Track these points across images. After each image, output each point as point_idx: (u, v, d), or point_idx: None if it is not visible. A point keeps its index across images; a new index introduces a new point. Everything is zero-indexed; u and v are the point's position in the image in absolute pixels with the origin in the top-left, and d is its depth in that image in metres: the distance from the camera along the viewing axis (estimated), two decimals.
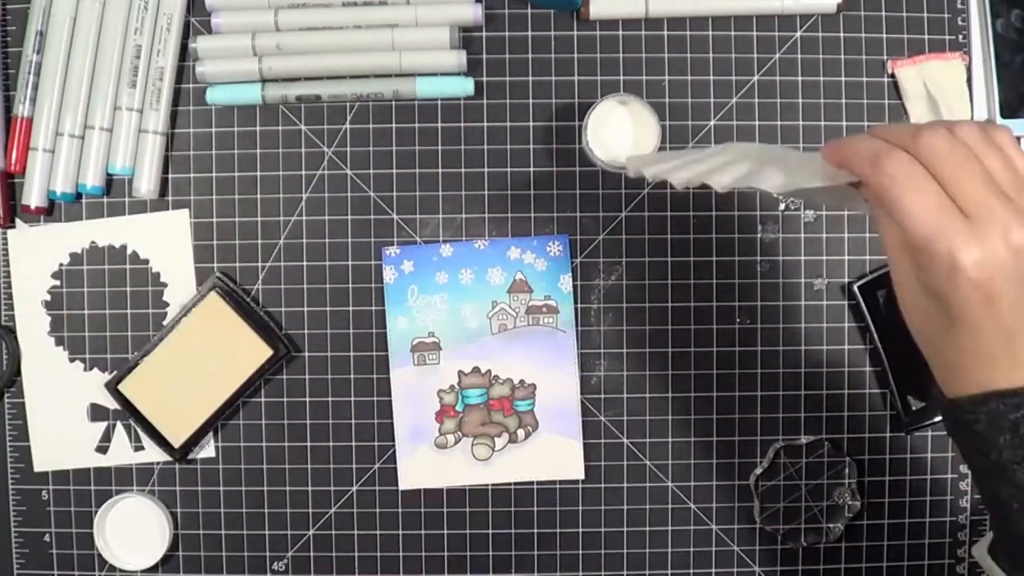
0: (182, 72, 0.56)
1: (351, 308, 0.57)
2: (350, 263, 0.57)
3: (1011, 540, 0.39)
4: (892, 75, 0.57)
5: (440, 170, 0.57)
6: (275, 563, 0.57)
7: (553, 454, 0.56)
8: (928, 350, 0.39)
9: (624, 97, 0.53)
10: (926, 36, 0.57)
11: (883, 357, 0.56)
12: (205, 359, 0.55)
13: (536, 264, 0.56)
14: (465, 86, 0.55)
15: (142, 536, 0.56)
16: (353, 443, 0.57)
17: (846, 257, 0.57)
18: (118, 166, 0.55)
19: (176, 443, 0.55)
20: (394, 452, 0.56)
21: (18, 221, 0.57)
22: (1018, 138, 0.56)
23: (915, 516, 0.57)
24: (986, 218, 0.35)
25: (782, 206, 0.57)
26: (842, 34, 0.57)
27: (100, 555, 0.56)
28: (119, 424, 0.57)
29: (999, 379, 0.37)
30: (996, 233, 0.35)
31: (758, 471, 0.56)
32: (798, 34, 0.57)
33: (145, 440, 0.56)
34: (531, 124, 0.57)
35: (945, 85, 0.56)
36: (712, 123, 0.57)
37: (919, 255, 0.36)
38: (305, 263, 0.56)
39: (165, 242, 0.57)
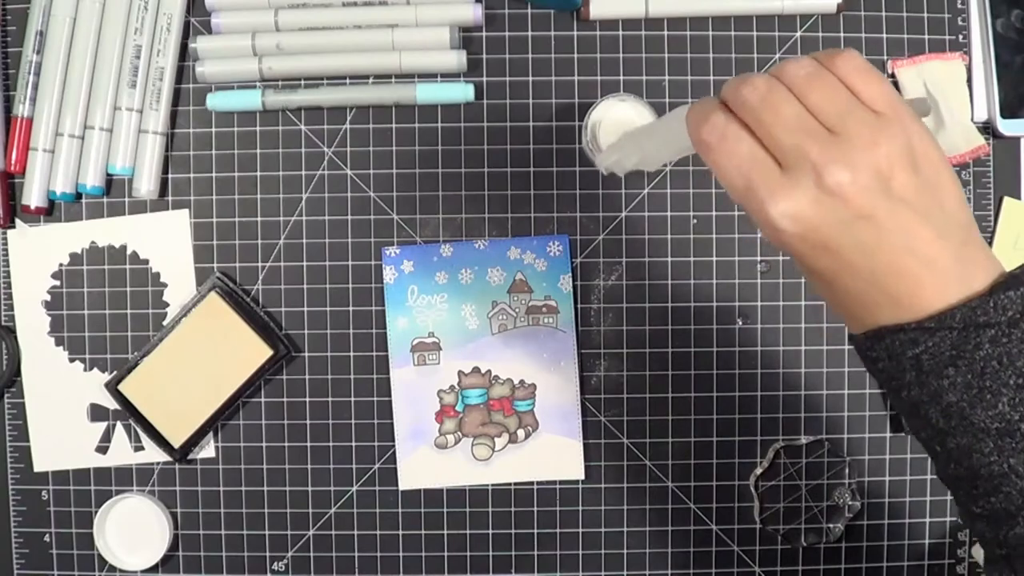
0: (182, 72, 0.56)
1: (351, 308, 0.57)
2: (350, 263, 0.57)
3: (946, 482, 0.37)
4: (892, 75, 0.57)
5: (440, 170, 0.57)
6: (275, 563, 0.57)
7: (553, 454, 0.56)
8: (822, 297, 0.37)
9: (624, 96, 0.53)
10: (926, 36, 0.57)
11: None
12: (205, 359, 0.55)
13: (536, 264, 0.56)
14: (466, 92, 0.55)
15: (142, 536, 0.56)
16: (353, 443, 0.57)
17: None
18: (118, 166, 0.55)
19: (176, 443, 0.55)
20: (394, 452, 0.56)
21: (18, 221, 0.57)
22: (1019, 138, 0.56)
23: (915, 516, 0.57)
24: (797, 161, 0.33)
25: None
26: (842, 34, 0.57)
27: (100, 555, 0.56)
28: (119, 424, 0.57)
29: (884, 318, 0.34)
30: (807, 180, 0.32)
31: (758, 471, 0.56)
32: (798, 34, 0.57)
33: (145, 440, 0.56)
34: (531, 124, 0.56)
35: (945, 85, 0.56)
36: None
37: (749, 215, 0.34)
38: (305, 263, 0.56)
39: (165, 242, 0.57)
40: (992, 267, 0.34)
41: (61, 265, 0.57)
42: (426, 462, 0.56)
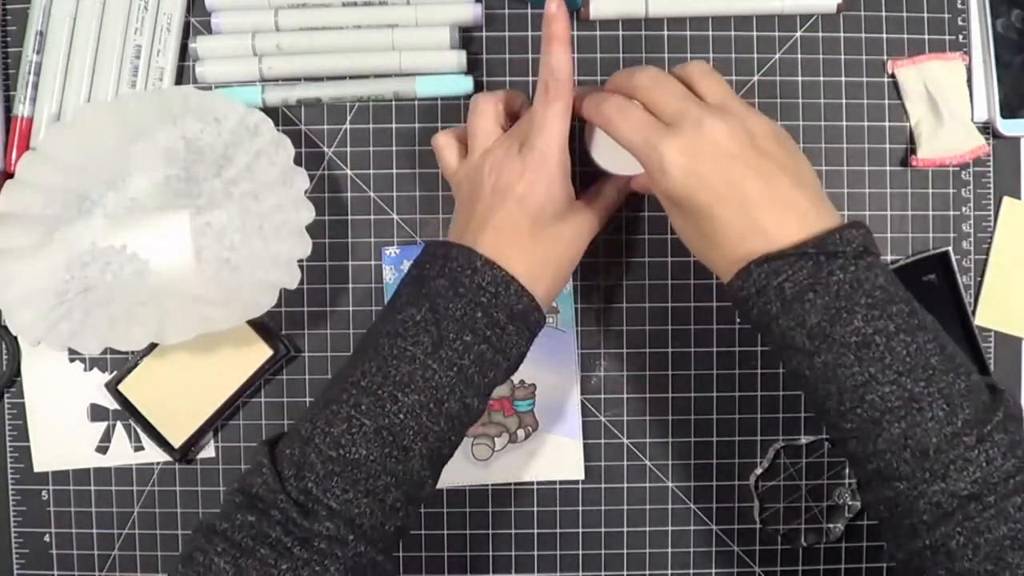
0: (182, 72, 0.56)
1: (351, 308, 0.57)
2: (350, 263, 0.57)
3: (817, 410, 0.42)
4: (892, 75, 0.57)
5: (440, 170, 0.56)
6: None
7: (553, 454, 0.56)
8: (700, 256, 0.45)
9: None
10: (926, 36, 0.57)
11: None
12: (205, 359, 0.55)
13: None
14: (465, 84, 0.55)
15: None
16: None
17: None
18: None
19: (176, 443, 0.55)
20: None
21: None
22: (1019, 138, 0.56)
23: None
24: (681, 119, 0.42)
25: None
26: (842, 34, 0.57)
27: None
28: (119, 424, 0.57)
29: (752, 248, 0.41)
30: (690, 127, 0.41)
31: (758, 471, 0.56)
32: (798, 34, 0.57)
33: (145, 440, 0.56)
34: None
35: (945, 85, 0.56)
36: None
37: (646, 170, 0.43)
38: (305, 263, 0.56)
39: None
40: (839, 220, 0.42)
41: None
42: None
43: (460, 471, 0.56)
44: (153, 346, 0.55)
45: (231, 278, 0.53)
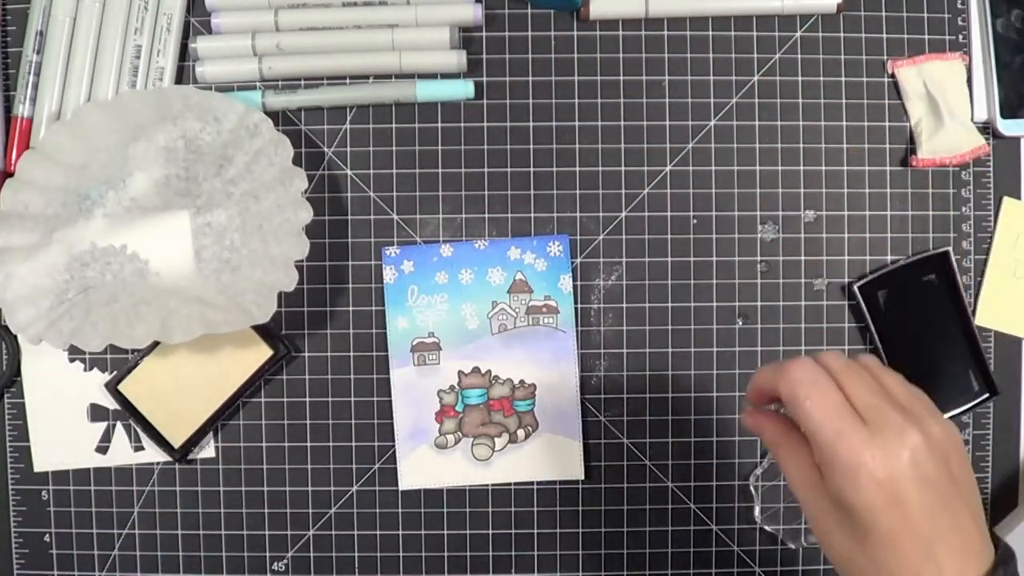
0: (182, 72, 0.56)
1: (351, 308, 0.57)
2: (350, 263, 0.57)
3: None
4: (892, 75, 0.57)
5: (440, 170, 0.57)
6: (275, 563, 0.57)
7: (553, 454, 0.56)
8: (847, 571, 0.38)
9: None
10: (926, 36, 0.57)
11: (883, 357, 0.56)
12: (205, 359, 0.55)
13: (536, 264, 0.56)
14: (466, 89, 0.55)
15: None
16: (353, 443, 0.57)
17: (846, 257, 0.57)
18: None
19: (176, 443, 0.55)
20: (394, 452, 0.56)
21: None
22: (1019, 138, 0.56)
23: None
24: (882, 423, 0.36)
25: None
26: (842, 34, 0.57)
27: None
28: (119, 424, 0.57)
29: None
30: (892, 435, 0.36)
31: (758, 471, 0.56)
32: (798, 34, 0.57)
33: (145, 440, 0.56)
34: (531, 124, 0.57)
35: (945, 85, 0.56)
36: (712, 123, 0.57)
37: (824, 461, 0.37)
38: (305, 263, 0.56)
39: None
40: (991, 545, 0.38)
41: None
42: (426, 462, 0.56)
43: (460, 471, 0.56)
44: (153, 346, 0.55)
45: (232, 280, 0.53)
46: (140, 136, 0.54)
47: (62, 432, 0.57)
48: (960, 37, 0.57)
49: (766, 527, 0.56)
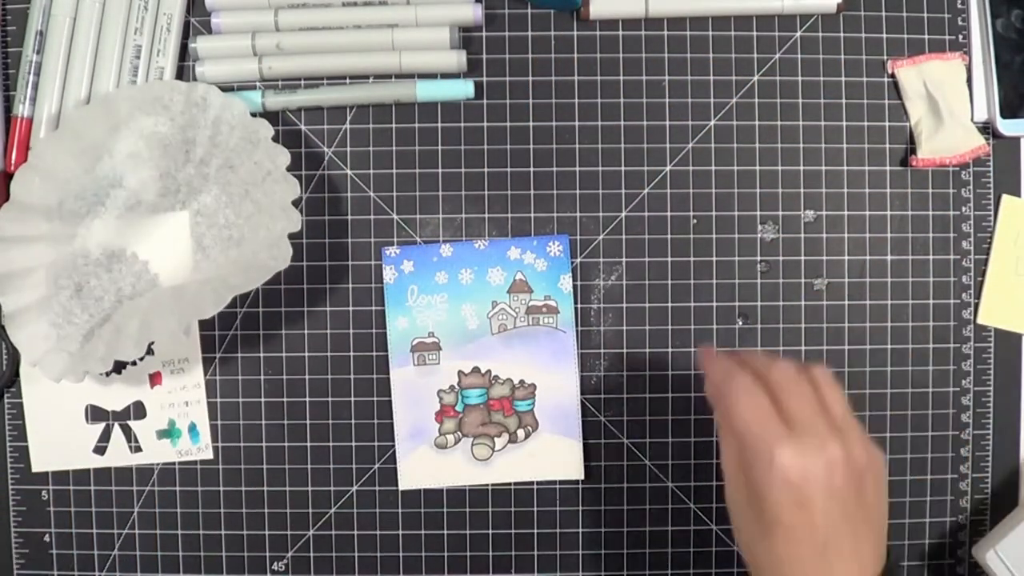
0: (182, 72, 0.56)
1: (351, 308, 0.57)
2: (350, 263, 0.57)
3: None
4: (892, 75, 0.57)
5: (440, 170, 0.57)
6: (275, 563, 0.57)
7: (553, 454, 0.56)
8: (747, 554, 0.42)
9: None
10: (926, 36, 0.57)
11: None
12: None
13: (536, 264, 0.56)
14: (466, 89, 0.55)
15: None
16: (353, 443, 0.57)
17: (846, 257, 0.57)
18: None
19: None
20: (394, 452, 0.56)
21: None
22: (1019, 138, 0.56)
23: (915, 516, 0.57)
24: (806, 430, 0.40)
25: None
26: (842, 34, 0.57)
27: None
28: (117, 425, 0.57)
29: None
30: (813, 443, 0.40)
31: None
32: (798, 34, 0.57)
33: (144, 441, 0.56)
34: (531, 124, 0.57)
35: (945, 85, 0.56)
36: (712, 123, 0.57)
37: (746, 453, 0.41)
38: (305, 263, 0.56)
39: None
40: (883, 559, 0.42)
41: None
42: (426, 462, 0.56)
43: (460, 471, 0.56)
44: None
45: (240, 251, 0.53)
46: (102, 154, 0.54)
47: (60, 433, 0.57)
48: (960, 37, 0.57)
49: None
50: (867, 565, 0.41)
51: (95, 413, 0.57)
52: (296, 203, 0.53)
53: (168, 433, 0.56)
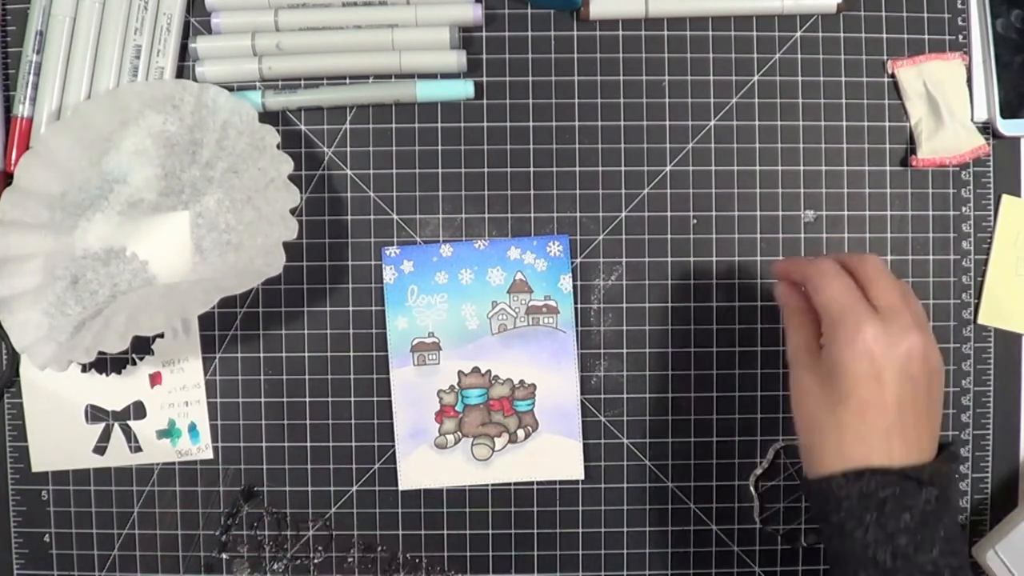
0: (182, 72, 0.56)
1: (351, 308, 0.57)
2: (350, 263, 0.57)
3: None
4: (892, 75, 0.57)
5: (440, 170, 0.57)
6: (275, 563, 0.57)
7: (553, 454, 0.56)
8: (809, 430, 0.44)
9: None
10: (926, 36, 0.57)
11: None
12: None
13: (536, 264, 0.56)
14: (466, 89, 0.55)
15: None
16: (353, 443, 0.57)
17: None
18: None
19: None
20: (394, 452, 0.56)
21: None
22: (1019, 138, 0.56)
23: None
24: (893, 315, 0.42)
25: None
26: (842, 34, 0.57)
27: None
28: (117, 425, 0.57)
29: (874, 458, 0.42)
30: (898, 327, 0.42)
31: (758, 471, 0.56)
32: (798, 34, 0.57)
33: (144, 441, 0.56)
34: (531, 124, 0.57)
35: (945, 85, 0.56)
36: (712, 123, 0.57)
37: (829, 327, 0.43)
38: (305, 263, 0.56)
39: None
40: (935, 448, 0.44)
41: None
42: (426, 462, 0.56)
43: (460, 471, 0.56)
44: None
45: (237, 256, 0.53)
46: (109, 148, 0.54)
47: (60, 433, 0.57)
48: (960, 37, 0.57)
49: (766, 527, 0.56)
50: (924, 450, 0.42)
51: (95, 413, 0.57)
52: (294, 211, 0.52)
53: (168, 433, 0.57)
